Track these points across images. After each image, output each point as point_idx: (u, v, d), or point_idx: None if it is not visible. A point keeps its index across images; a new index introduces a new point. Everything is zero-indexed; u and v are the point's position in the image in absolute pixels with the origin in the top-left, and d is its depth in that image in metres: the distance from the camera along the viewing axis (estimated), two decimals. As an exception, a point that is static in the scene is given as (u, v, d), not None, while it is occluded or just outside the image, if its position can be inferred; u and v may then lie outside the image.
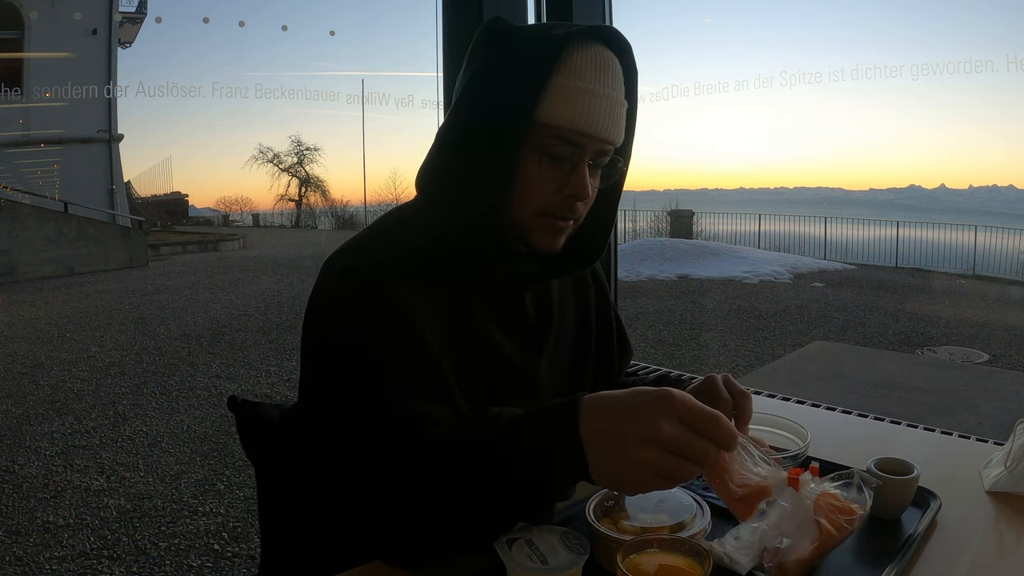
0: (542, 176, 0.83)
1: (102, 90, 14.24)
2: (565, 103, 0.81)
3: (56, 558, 2.53)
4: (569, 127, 0.81)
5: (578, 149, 0.83)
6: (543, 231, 0.86)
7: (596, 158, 0.85)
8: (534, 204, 0.85)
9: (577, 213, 0.86)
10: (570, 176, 0.84)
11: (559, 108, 0.81)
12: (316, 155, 26.91)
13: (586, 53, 0.83)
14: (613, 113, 0.84)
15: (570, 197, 0.84)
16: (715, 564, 0.70)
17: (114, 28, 14.47)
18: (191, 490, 3.12)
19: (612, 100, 0.84)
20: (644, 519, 0.72)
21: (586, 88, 0.82)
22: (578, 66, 0.82)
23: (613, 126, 0.84)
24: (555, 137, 0.82)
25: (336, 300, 0.80)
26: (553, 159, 0.83)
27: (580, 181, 0.83)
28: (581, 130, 0.82)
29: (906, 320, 7.26)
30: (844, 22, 74.29)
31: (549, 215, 0.85)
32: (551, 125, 0.81)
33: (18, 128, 13.45)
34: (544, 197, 0.84)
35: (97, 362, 5.50)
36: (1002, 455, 0.92)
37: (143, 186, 22.54)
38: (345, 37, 45.94)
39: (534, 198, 0.84)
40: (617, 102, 0.85)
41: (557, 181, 0.84)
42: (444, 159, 0.87)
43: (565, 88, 0.81)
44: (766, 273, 10.33)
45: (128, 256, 12.30)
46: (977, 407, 4.04)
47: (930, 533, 0.78)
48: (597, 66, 0.83)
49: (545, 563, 0.63)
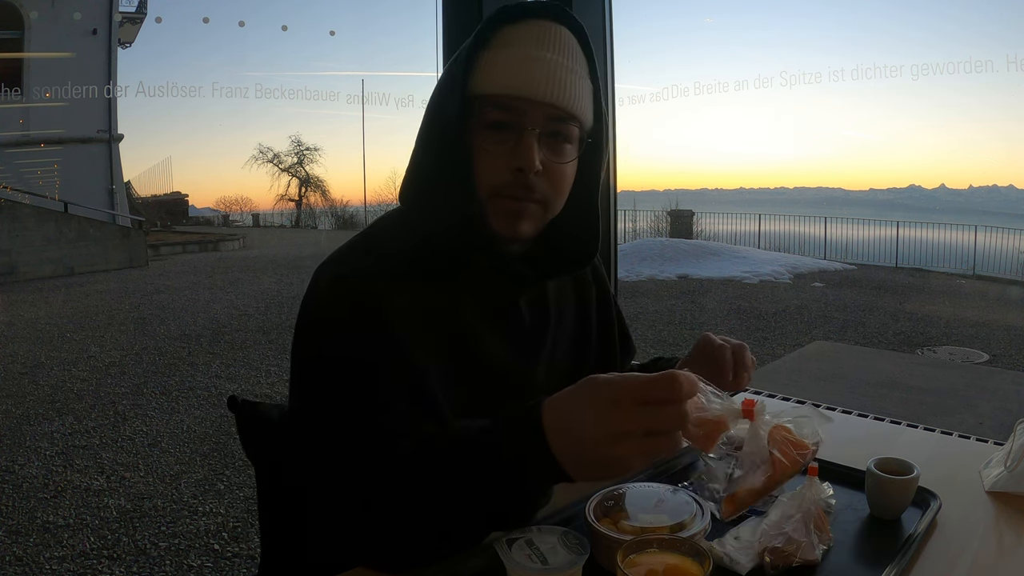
0: (489, 152, 0.78)
1: (102, 90, 14.24)
2: (497, 68, 0.78)
3: (56, 558, 2.53)
4: (502, 92, 0.77)
5: (519, 115, 0.78)
6: (497, 214, 0.81)
7: (548, 127, 0.79)
8: (483, 185, 0.80)
9: (533, 191, 0.80)
10: (515, 148, 0.78)
11: (492, 74, 0.78)
12: (316, 155, 26.94)
13: (524, 24, 0.80)
14: (556, 76, 0.78)
15: (518, 172, 0.78)
16: (715, 564, 0.70)
17: (114, 28, 14.47)
18: (191, 490, 3.12)
19: (555, 64, 0.78)
20: (644, 519, 0.72)
21: (519, 52, 0.78)
22: (512, 34, 0.79)
23: (557, 89, 0.78)
24: (491, 106, 0.78)
25: (323, 311, 0.78)
26: (494, 130, 0.78)
27: (524, 151, 0.77)
28: (515, 93, 0.77)
29: (906, 320, 7.25)
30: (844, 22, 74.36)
31: (502, 195, 0.80)
32: (486, 95, 0.78)
33: (18, 128, 13.45)
34: (493, 174, 0.79)
35: (97, 362, 5.50)
36: (1002, 455, 0.92)
37: (143, 186, 22.56)
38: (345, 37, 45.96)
39: (482, 177, 0.80)
40: (563, 67, 0.79)
41: (504, 156, 0.78)
42: (414, 160, 0.85)
43: (497, 56, 0.78)
44: (766, 273, 10.32)
45: (128, 256, 12.30)
46: (977, 407, 4.03)
47: (930, 533, 0.78)
48: (534, 33, 0.79)
49: (545, 563, 0.63)
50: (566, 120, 0.80)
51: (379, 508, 0.69)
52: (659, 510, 0.74)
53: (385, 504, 0.69)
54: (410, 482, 0.68)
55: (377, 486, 0.70)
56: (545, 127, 0.79)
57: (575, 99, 0.79)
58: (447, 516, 0.67)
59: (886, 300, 8.51)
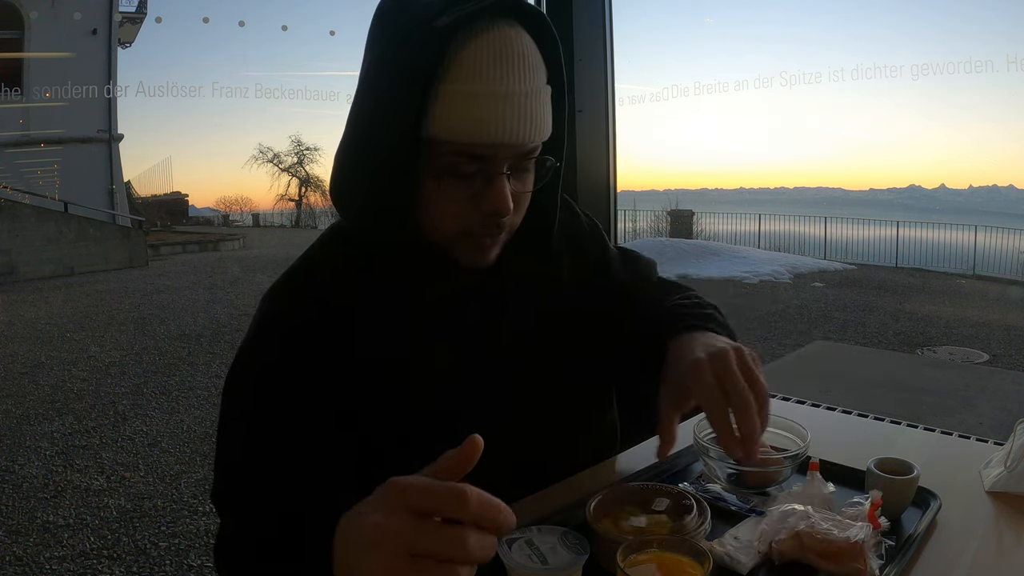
0: (449, 198, 0.71)
1: (102, 90, 14.24)
2: (457, 113, 0.67)
3: (56, 558, 2.53)
4: (468, 140, 0.68)
5: (488, 163, 0.70)
6: (467, 250, 0.75)
7: (517, 162, 0.72)
8: (449, 227, 0.73)
9: (504, 228, 0.75)
10: (485, 192, 0.70)
11: (451, 120, 0.67)
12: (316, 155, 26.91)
13: (479, 42, 0.67)
14: (525, 111, 0.69)
15: (488, 215, 0.71)
16: (715, 564, 0.71)
17: (114, 28, 14.47)
18: (191, 490, 3.12)
19: (521, 96, 0.69)
20: (644, 519, 0.72)
21: (482, 91, 0.67)
22: (469, 62, 0.67)
23: (527, 127, 0.69)
24: (452, 155, 0.69)
25: (240, 356, 0.78)
26: (457, 178, 0.70)
27: (497, 197, 0.70)
28: (483, 142, 0.68)
29: (906, 320, 7.25)
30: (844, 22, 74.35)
31: (472, 235, 0.73)
32: (444, 141, 0.68)
33: (18, 128, 13.45)
34: (457, 219, 0.72)
35: (97, 362, 5.50)
36: (1002, 455, 0.92)
37: (143, 186, 22.55)
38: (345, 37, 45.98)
39: (446, 221, 0.72)
40: (529, 96, 0.69)
41: (469, 200, 0.71)
42: (340, 175, 0.77)
43: (454, 94, 0.67)
44: (766, 273, 10.32)
45: (128, 256, 12.30)
46: (977, 407, 4.03)
47: (930, 533, 0.78)
48: (496, 57, 0.67)
49: (545, 563, 0.63)
50: (533, 152, 0.73)
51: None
52: (659, 510, 0.74)
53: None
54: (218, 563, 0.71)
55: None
56: (513, 163, 0.72)
57: (541, 127, 0.72)
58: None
59: (886, 300, 8.51)
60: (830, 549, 0.67)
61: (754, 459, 0.71)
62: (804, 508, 0.73)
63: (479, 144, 0.68)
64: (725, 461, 0.84)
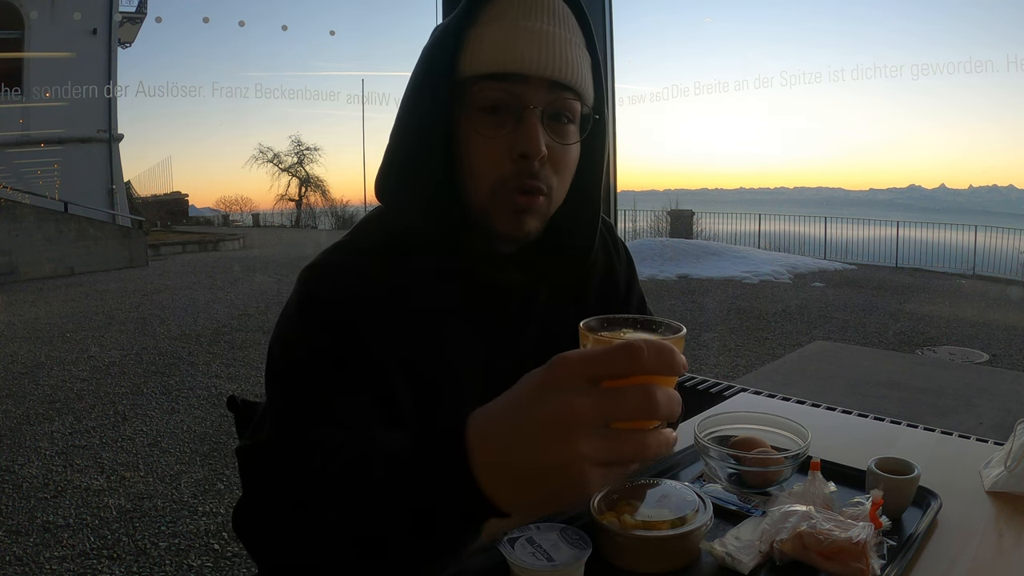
0: (483, 139, 0.70)
1: (102, 90, 14.25)
2: (486, 44, 0.70)
3: (56, 558, 2.53)
4: (495, 69, 0.69)
5: (516, 94, 0.70)
6: (503, 212, 0.72)
7: (549, 105, 0.71)
8: (485, 179, 0.72)
9: (540, 181, 0.71)
10: (516, 132, 0.70)
11: (481, 52, 0.70)
12: (316, 155, 26.95)
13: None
14: (554, 47, 0.70)
15: (521, 159, 0.70)
16: (716, 563, 0.71)
17: (114, 28, 14.47)
18: (191, 490, 3.12)
19: (550, 34, 0.70)
20: (647, 513, 0.73)
21: (509, 25, 0.70)
22: (500, 6, 0.71)
23: (555, 60, 0.70)
24: (483, 85, 0.70)
25: (285, 311, 0.74)
26: (489, 114, 0.70)
27: (528, 133, 0.69)
28: (510, 69, 0.69)
29: (906, 320, 7.25)
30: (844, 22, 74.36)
31: (505, 190, 0.71)
32: (476, 76, 0.70)
33: (18, 128, 13.45)
34: (492, 166, 0.71)
35: (97, 362, 5.50)
36: (1002, 455, 0.92)
37: (143, 186, 22.58)
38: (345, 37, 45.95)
39: (481, 171, 0.71)
40: (559, 37, 0.71)
41: (503, 143, 0.70)
42: (391, 154, 0.78)
43: (484, 31, 0.70)
44: (766, 273, 10.33)
45: (128, 256, 12.30)
46: (977, 407, 4.03)
47: (930, 533, 0.78)
48: (527, 4, 0.71)
49: (550, 559, 0.63)
50: (568, 94, 0.72)
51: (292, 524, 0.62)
52: (662, 504, 0.74)
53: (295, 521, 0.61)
54: (314, 504, 0.59)
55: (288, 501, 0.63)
56: (547, 105, 0.71)
57: (575, 70, 0.71)
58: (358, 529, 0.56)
59: (886, 300, 8.51)
60: (832, 549, 0.67)
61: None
62: (806, 508, 0.73)
63: (502, 72, 0.69)
64: (726, 461, 0.84)
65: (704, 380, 1.98)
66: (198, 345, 6.03)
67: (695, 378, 1.99)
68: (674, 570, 0.70)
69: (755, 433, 0.92)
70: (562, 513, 0.78)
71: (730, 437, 0.91)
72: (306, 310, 0.72)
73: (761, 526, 0.73)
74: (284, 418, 0.69)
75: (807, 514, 0.72)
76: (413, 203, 0.74)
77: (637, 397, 0.43)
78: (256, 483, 0.68)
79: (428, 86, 0.72)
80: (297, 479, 0.62)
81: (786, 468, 0.84)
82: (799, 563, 0.69)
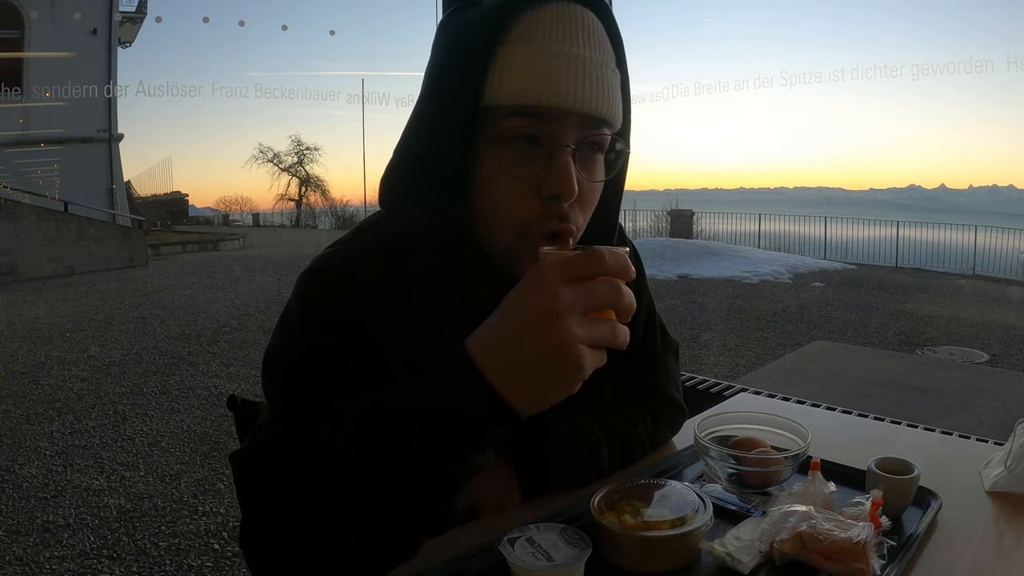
0: (507, 177, 0.64)
1: (102, 90, 14.25)
2: (514, 72, 0.62)
3: (56, 558, 2.53)
4: (525, 101, 0.63)
5: (549, 131, 0.64)
6: (527, 254, 0.66)
7: (580, 140, 0.65)
8: (510, 220, 0.67)
9: (569, 223, 0.66)
10: (546, 170, 0.64)
11: (510, 78, 0.63)
12: (316, 155, 26.98)
13: (540, 10, 0.64)
14: (591, 76, 0.64)
15: (551, 200, 0.64)
16: (716, 563, 0.71)
17: (114, 28, 14.48)
18: (191, 490, 3.12)
19: (586, 61, 0.64)
20: (647, 513, 0.73)
21: (541, 48, 0.63)
22: (529, 24, 0.64)
23: (592, 92, 0.64)
24: (511, 117, 0.63)
25: (287, 308, 0.73)
26: (517, 149, 0.64)
27: (560, 173, 0.63)
28: (543, 102, 0.62)
29: (906, 320, 7.25)
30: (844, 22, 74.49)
31: (532, 233, 0.66)
32: (503, 105, 0.63)
33: (18, 128, 13.45)
34: (519, 207, 0.66)
35: (97, 362, 5.50)
36: (1002, 455, 0.92)
37: (143, 186, 22.60)
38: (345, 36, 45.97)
39: (507, 211, 0.66)
40: (595, 63, 0.65)
41: (530, 179, 0.65)
42: (396, 163, 0.74)
43: (514, 53, 0.63)
44: (766, 273, 10.33)
45: (128, 256, 12.30)
46: (977, 407, 4.03)
47: (930, 533, 0.78)
48: (557, 22, 0.64)
49: (551, 559, 0.63)
50: (600, 128, 0.67)
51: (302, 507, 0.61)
52: (662, 504, 0.74)
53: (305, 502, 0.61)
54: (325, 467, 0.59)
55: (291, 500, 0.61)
56: (579, 141, 0.65)
57: (609, 102, 0.66)
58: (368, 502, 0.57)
59: (886, 300, 8.51)
60: (832, 549, 0.67)
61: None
62: (806, 508, 0.73)
63: (538, 106, 0.63)
64: (725, 461, 0.84)
65: (704, 380, 1.98)
66: (198, 345, 6.03)
67: (695, 378, 2.00)
68: (674, 570, 0.70)
69: (755, 433, 0.91)
70: (562, 513, 0.78)
71: (730, 437, 0.91)
72: (306, 311, 0.71)
73: (761, 526, 0.73)
74: (285, 419, 0.69)
75: (807, 514, 0.72)
76: (416, 212, 0.72)
77: (608, 287, 0.53)
78: (254, 487, 0.67)
79: (446, 110, 0.66)
80: (299, 475, 0.62)
81: (786, 468, 0.84)
82: (799, 563, 0.69)
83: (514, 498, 0.84)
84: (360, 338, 0.70)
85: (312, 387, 0.68)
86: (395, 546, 0.60)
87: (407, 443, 0.55)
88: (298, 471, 0.62)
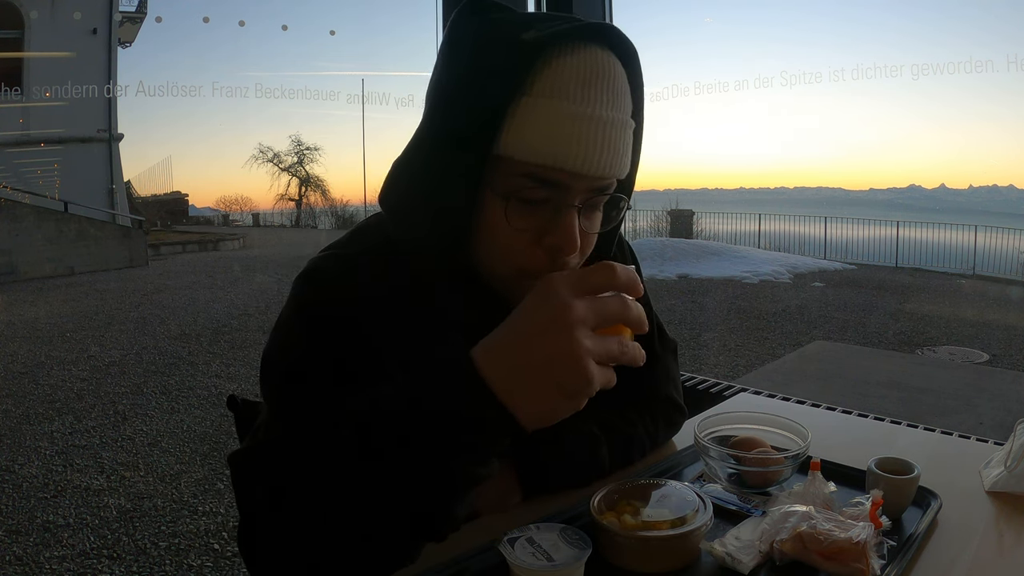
0: (511, 227, 0.65)
1: (102, 90, 14.24)
2: (537, 130, 0.62)
3: (56, 558, 2.53)
4: (544, 163, 0.62)
5: (559, 191, 0.64)
6: (522, 291, 0.64)
7: (588, 199, 0.66)
8: (508, 262, 0.68)
9: (568, 268, 0.68)
10: (551, 223, 0.65)
11: (530, 137, 0.62)
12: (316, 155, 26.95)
13: (569, 59, 0.62)
14: (609, 140, 0.63)
15: (553, 250, 0.66)
16: (716, 563, 0.71)
17: (114, 28, 14.47)
18: (191, 490, 3.12)
19: (607, 123, 0.63)
20: (647, 513, 0.73)
21: (567, 109, 0.62)
22: (556, 77, 0.62)
23: (609, 158, 0.64)
24: (524, 176, 0.63)
25: (282, 327, 0.72)
26: (525, 204, 0.65)
27: (565, 233, 0.65)
28: (561, 167, 0.62)
29: (906, 320, 7.25)
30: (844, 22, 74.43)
31: (530, 275, 0.66)
32: (517, 161, 0.63)
33: (18, 128, 13.44)
34: (518, 254, 0.67)
35: (97, 362, 5.50)
36: (1002, 455, 0.92)
37: (143, 186, 22.56)
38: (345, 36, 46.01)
39: (506, 255, 0.67)
40: (615, 125, 0.64)
41: (533, 231, 0.66)
42: (399, 171, 0.74)
43: (535, 108, 0.62)
44: (766, 273, 10.33)
45: (128, 256, 12.30)
46: (977, 407, 4.03)
47: (930, 533, 0.78)
48: (586, 76, 0.63)
49: (551, 560, 0.63)
50: (607, 188, 0.68)
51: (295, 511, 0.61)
52: (662, 504, 0.74)
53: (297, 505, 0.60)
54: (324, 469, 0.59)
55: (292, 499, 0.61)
56: (585, 198, 0.66)
57: (622, 160, 0.66)
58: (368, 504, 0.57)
59: (886, 300, 8.51)
60: (832, 549, 0.67)
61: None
62: (806, 508, 0.73)
63: (556, 169, 0.62)
64: (726, 461, 0.84)
65: (704, 380, 1.98)
66: (198, 345, 6.03)
67: (695, 378, 1.99)
68: (674, 570, 0.70)
69: (755, 433, 0.91)
70: (562, 513, 0.78)
71: (730, 437, 0.91)
72: (301, 312, 0.71)
73: (761, 526, 0.73)
74: (284, 419, 0.69)
75: (807, 514, 0.72)
76: (416, 217, 0.71)
77: (617, 301, 0.53)
78: (252, 488, 0.67)
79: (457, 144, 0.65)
80: (298, 476, 0.62)
81: (786, 468, 0.84)
82: (799, 563, 0.69)
83: (514, 498, 0.84)
84: (358, 338, 0.70)
85: (310, 387, 0.68)
86: (394, 549, 0.60)
87: (408, 445, 0.55)
88: (297, 472, 0.62)
